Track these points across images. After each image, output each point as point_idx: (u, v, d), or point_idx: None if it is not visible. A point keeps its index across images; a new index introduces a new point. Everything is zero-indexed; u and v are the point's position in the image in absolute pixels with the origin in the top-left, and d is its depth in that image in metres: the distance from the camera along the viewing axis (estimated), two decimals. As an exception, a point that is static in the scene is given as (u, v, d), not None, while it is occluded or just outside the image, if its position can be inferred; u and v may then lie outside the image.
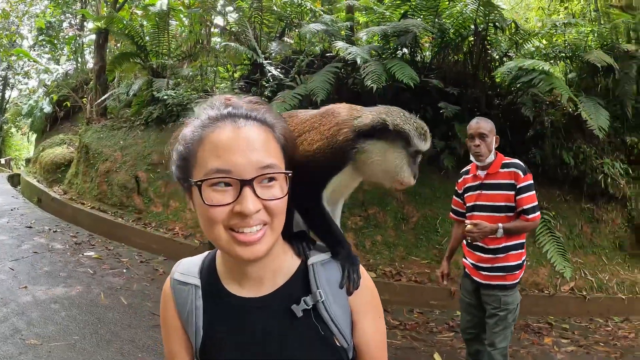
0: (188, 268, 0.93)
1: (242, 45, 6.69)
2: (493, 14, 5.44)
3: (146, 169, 6.81)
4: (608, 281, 5.30)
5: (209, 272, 0.92)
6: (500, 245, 2.71)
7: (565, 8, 7.86)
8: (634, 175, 5.74)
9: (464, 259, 3.01)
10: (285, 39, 7.85)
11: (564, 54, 5.75)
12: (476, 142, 2.74)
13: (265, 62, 6.51)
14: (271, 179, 0.77)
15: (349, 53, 5.20)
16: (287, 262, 0.90)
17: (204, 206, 0.75)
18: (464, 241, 2.98)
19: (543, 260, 4.73)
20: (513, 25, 5.73)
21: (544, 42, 5.97)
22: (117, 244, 6.17)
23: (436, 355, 3.83)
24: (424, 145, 0.95)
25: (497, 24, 5.56)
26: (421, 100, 5.58)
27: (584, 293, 5.09)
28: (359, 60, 5.07)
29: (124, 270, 5.25)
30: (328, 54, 6.32)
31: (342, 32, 6.14)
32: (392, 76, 4.85)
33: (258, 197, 0.75)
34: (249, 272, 0.86)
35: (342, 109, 0.99)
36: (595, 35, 5.85)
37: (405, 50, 5.70)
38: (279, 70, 6.48)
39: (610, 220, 5.63)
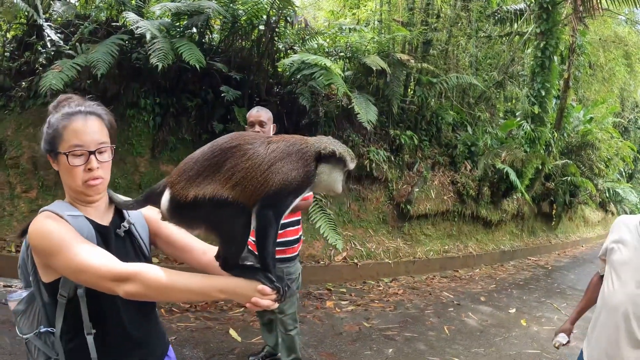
0: (64, 207, 1.33)
1: (22, 1, 5.76)
2: (287, 9, 6.07)
3: None
4: (375, 249, 6.59)
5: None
6: (287, 221, 3.13)
7: (353, 14, 9.24)
8: (395, 161, 7.26)
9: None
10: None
11: (344, 54, 6.83)
12: (256, 129, 3.16)
13: (45, 23, 5.77)
14: (104, 151, 1.33)
15: (138, 27, 5.07)
16: (111, 205, 1.45)
17: (69, 167, 1.28)
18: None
19: (317, 235, 5.63)
20: (303, 22, 6.47)
21: (328, 41, 6.94)
22: None
23: (232, 332, 4.19)
24: (353, 166, 1.27)
25: (288, 18, 6.20)
26: (203, 81, 5.88)
27: (356, 261, 6.24)
28: (148, 36, 5.02)
29: None
30: (114, 23, 5.99)
31: (133, 1, 5.90)
32: (178, 56, 4.94)
33: (98, 160, 1.31)
34: (93, 206, 1.38)
35: (305, 139, 1.25)
36: (375, 42, 7.09)
37: (194, 30, 5.85)
38: (59, 35, 5.83)
39: (374, 198, 7.03)
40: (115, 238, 1.39)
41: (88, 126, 1.30)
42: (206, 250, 1.45)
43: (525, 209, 9.84)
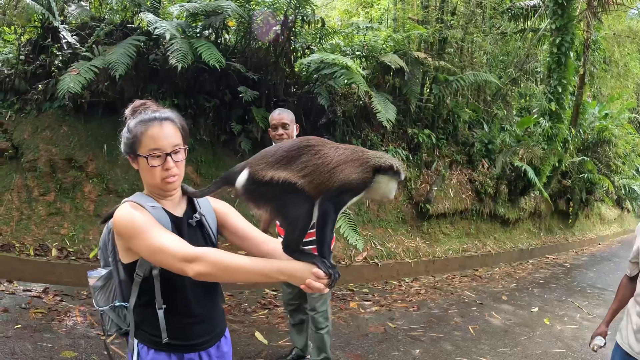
0: (146, 200, 1.50)
1: (37, 3, 5.76)
2: (305, 9, 6.04)
3: None
4: (395, 249, 6.54)
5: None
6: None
7: (367, 13, 9.20)
8: (413, 160, 7.18)
9: (279, 237, 3.36)
10: (82, 2, 7.07)
11: (360, 53, 6.77)
12: (279, 132, 3.19)
13: (61, 26, 5.76)
14: (178, 151, 1.48)
15: (157, 27, 5.05)
16: (183, 196, 1.62)
17: (149, 168, 1.45)
18: (277, 221, 3.34)
19: (337, 235, 5.55)
20: (320, 21, 6.43)
21: (344, 40, 6.90)
22: None
23: (257, 334, 4.15)
24: (404, 177, 1.43)
25: (305, 18, 6.15)
26: (220, 82, 5.84)
27: (376, 261, 6.18)
28: (168, 36, 4.99)
29: None
30: (129, 25, 5.97)
31: (148, 2, 5.89)
32: (197, 56, 4.91)
33: (173, 160, 1.45)
34: (169, 198, 1.55)
35: (367, 150, 1.42)
36: (391, 40, 7.03)
37: (210, 31, 5.82)
38: (75, 37, 5.83)
39: (393, 197, 6.94)
40: (188, 227, 1.56)
41: (164, 131, 1.46)
42: (266, 241, 1.60)
43: (542, 207, 9.74)
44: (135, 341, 1.52)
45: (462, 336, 4.69)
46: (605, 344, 2.50)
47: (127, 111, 1.52)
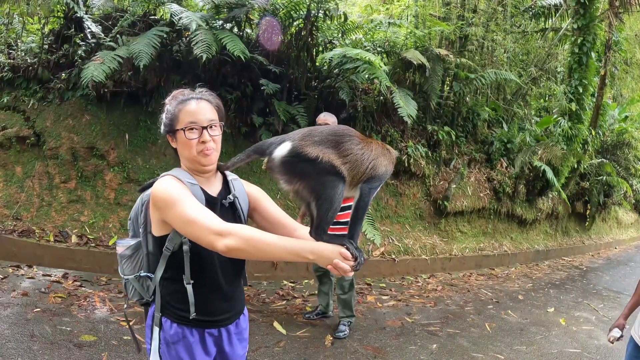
0: (185, 175, 1.53)
1: None
2: (328, 3, 6.04)
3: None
4: (412, 245, 6.53)
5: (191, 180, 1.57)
6: (346, 204, 3.49)
7: (387, 9, 9.17)
8: (432, 157, 7.16)
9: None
10: (105, -7, 7.13)
11: (381, 49, 6.75)
12: None
13: (85, 16, 5.83)
14: (214, 126, 1.54)
15: (183, 18, 5.09)
16: (218, 177, 1.66)
17: (186, 140, 1.50)
18: (307, 200, 3.59)
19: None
20: (343, 16, 6.43)
21: (366, 35, 6.88)
22: None
23: (276, 324, 4.18)
24: None
25: (327, 12, 6.16)
26: (242, 74, 5.86)
27: (393, 256, 6.17)
28: (194, 26, 5.02)
29: None
30: (151, 17, 6.02)
31: (172, -6, 5.93)
32: (221, 48, 4.94)
33: (209, 134, 1.51)
34: (205, 177, 1.59)
35: (388, 147, 1.55)
36: (412, 37, 7.01)
37: (232, 24, 5.86)
38: (98, 27, 5.89)
39: (411, 194, 6.95)
40: (221, 207, 1.59)
41: (200, 107, 1.53)
42: (297, 228, 1.62)
43: (559, 209, 9.64)
44: (160, 314, 1.57)
45: (478, 333, 4.67)
46: (622, 336, 2.62)
47: (167, 100, 1.61)
